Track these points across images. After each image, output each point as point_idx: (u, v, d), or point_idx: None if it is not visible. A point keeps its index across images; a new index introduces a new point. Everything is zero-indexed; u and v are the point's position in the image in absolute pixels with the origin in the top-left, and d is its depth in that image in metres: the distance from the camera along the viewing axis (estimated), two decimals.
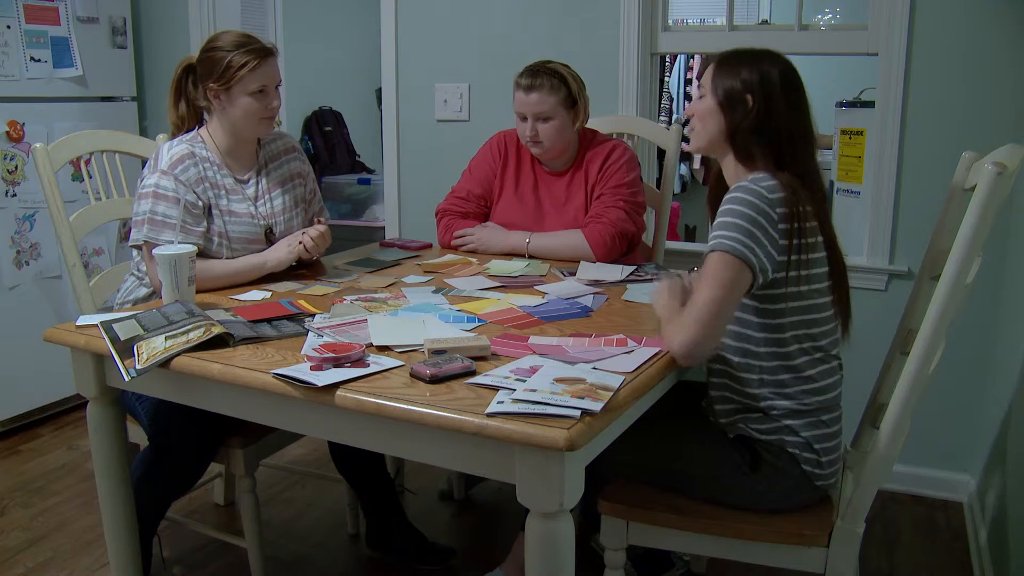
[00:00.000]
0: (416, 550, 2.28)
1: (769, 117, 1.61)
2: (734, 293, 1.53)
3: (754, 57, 1.66)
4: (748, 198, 1.54)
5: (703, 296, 1.52)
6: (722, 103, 1.65)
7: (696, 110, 1.71)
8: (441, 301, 1.89)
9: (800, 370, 1.61)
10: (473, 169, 2.52)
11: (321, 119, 5.75)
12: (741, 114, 1.62)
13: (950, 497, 2.68)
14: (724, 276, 1.51)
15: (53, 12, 3.14)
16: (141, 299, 2.09)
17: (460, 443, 1.32)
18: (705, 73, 1.71)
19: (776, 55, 1.67)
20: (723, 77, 1.65)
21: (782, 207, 1.53)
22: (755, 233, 1.52)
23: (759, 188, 1.54)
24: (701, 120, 1.70)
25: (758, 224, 1.52)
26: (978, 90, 2.46)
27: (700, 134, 1.71)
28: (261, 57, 2.01)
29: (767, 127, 1.61)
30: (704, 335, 1.51)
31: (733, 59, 1.67)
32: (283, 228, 2.18)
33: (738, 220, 1.53)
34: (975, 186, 1.40)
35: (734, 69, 1.64)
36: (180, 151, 2.04)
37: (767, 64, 1.64)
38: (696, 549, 1.71)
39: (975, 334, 2.53)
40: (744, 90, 1.62)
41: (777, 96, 1.61)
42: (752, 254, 1.51)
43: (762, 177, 1.57)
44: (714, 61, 1.70)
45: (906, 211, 2.58)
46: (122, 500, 1.82)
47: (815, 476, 1.62)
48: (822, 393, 1.63)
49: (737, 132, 1.64)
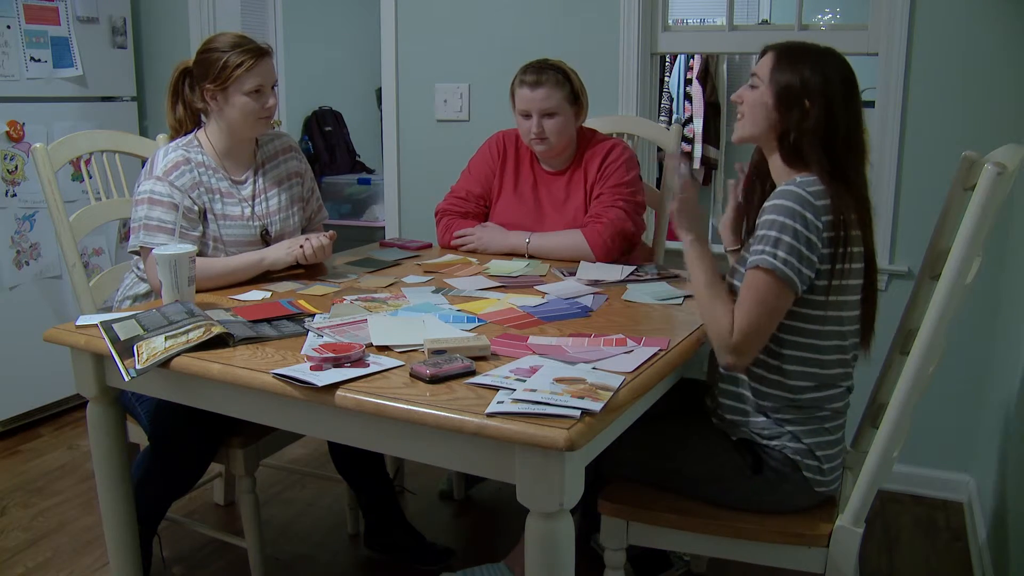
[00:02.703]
0: (415, 550, 2.28)
1: (826, 123, 1.56)
2: (776, 313, 1.54)
3: (818, 56, 1.59)
4: (794, 207, 1.51)
5: (747, 314, 1.53)
6: (778, 100, 1.59)
7: (746, 98, 1.64)
8: (441, 301, 1.89)
9: (815, 378, 1.60)
10: (472, 169, 2.52)
11: (321, 119, 5.75)
12: (797, 116, 1.57)
13: (950, 497, 2.68)
14: (767, 298, 1.52)
15: (53, 12, 3.14)
16: (141, 295, 2.09)
17: (460, 443, 1.32)
18: (762, 62, 1.64)
19: (839, 57, 1.61)
20: (783, 72, 1.59)
21: (828, 215, 1.51)
22: (799, 248, 1.50)
23: (806, 194, 1.51)
24: (751, 110, 1.63)
25: (802, 237, 1.50)
26: (978, 90, 2.46)
27: (747, 125, 1.65)
28: (257, 57, 2.02)
29: (822, 133, 1.56)
30: (748, 349, 1.55)
31: (796, 54, 1.60)
32: (279, 227, 2.19)
33: (783, 235, 1.50)
34: (975, 186, 1.40)
35: (796, 66, 1.58)
36: (175, 157, 2.05)
37: (831, 67, 1.58)
38: (696, 549, 1.71)
39: (975, 334, 2.53)
40: (804, 92, 1.56)
41: (838, 103, 1.56)
42: (796, 274, 1.50)
43: (811, 181, 1.53)
44: (773, 51, 1.63)
45: (906, 211, 2.58)
46: (122, 500, 1.82)
47: (816, 482, 1.62)
48: (833, 401, 1.62)
49: (790, 133, 1.58)
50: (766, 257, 1.51)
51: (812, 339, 1.59)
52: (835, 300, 1.56)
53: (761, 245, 1.53)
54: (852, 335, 1.63)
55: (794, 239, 1.50)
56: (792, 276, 1.50)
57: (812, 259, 1.52)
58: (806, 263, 1.51)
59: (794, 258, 1.50)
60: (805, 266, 1.51)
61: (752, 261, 1.53)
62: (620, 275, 2.13)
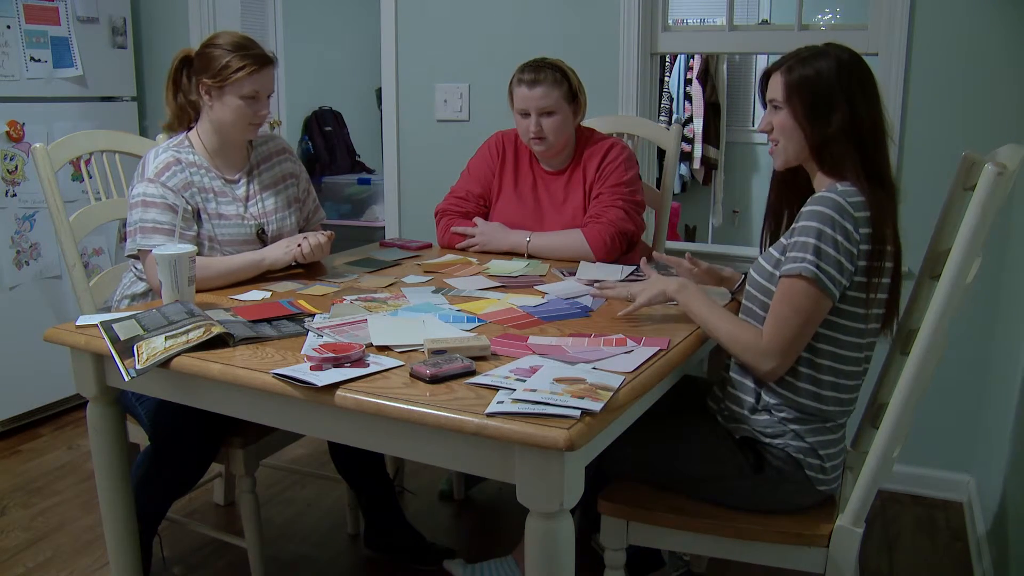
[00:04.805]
0: (415, 550, 2.28)
1: (852, 119, 1.55)
2: (814, 320, 1.54)
3: (821, 55, 1.58)
4: (834, 215, 1.50)
5: (784, 322, 1.53)
6: (806, 112, 1.57)
7: (775, 124, 1.62)
8: (441, 301, 1.89)
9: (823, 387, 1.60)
10: (472, 169, 2.52)
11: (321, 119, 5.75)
12: (825, 121, 1.56)
13: (950, 497, 2.68)
14: (806, 306, 1.52)
15: (53, 12, 3.14)
16: (139, 294, 2.09)
17: (460, 443, 1.32)
18: (772, 86, 1.63)
19: (841, 48, 1.59)
20: (796, 83, 1.58)
21: (867, 228, 1.52)
22: (838, 258, 1.50)
23: (847, 204, 1.51)
24: (783, 133, 1.62)
25: (841, 247, 1.50)
26: (978, 90, 2.46)
27: (786, 149, 1.63)
28: (260, 64, 2.02)
29: (850, 130, 1.55)
30: (788, 359, 1.56)
31: (802, 63, 1.58)
32: (276, 228, 2.19)
33: (822, 244, 1.50)
34: (975, 186, 1.40)
35: (807, 73, 1.57)
36: (165, 158, 2.05)
37: (835, 60, 1.56)
38: (696, 549, 1.71)
39: (975, 334, 2.53)
40: (826, 94, 1.55)
41: (857, 94, 1.55)
42: (833, 283, 1.51)
43: (851, 191, 1.53)
44: (778, 70, 1.61)
45: (906, 211, 2.56)
46: (122, 500, 1.82)
47: (818, 481, 1.62)
48: (835, 404, 1.62)
49: (822, 143, 1.57)
50: (807, 266, 1.50)
51: (832, 346, 1.59)
52: (862, 313, 1.57)
53: (800, 252, 1.52)
54: (869, 347, 1.64)
55: (834, 249, 1.50)
56: (831, 286, 1.51)
57: (850, 269, 1.52)
58: (846, 273, 1.52)
59: (832, 268, 1.50)
60: (844, 276, 1.52)
61: (791, 269, 1.52)
62: (620, 275, 2.13)
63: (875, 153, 1.57)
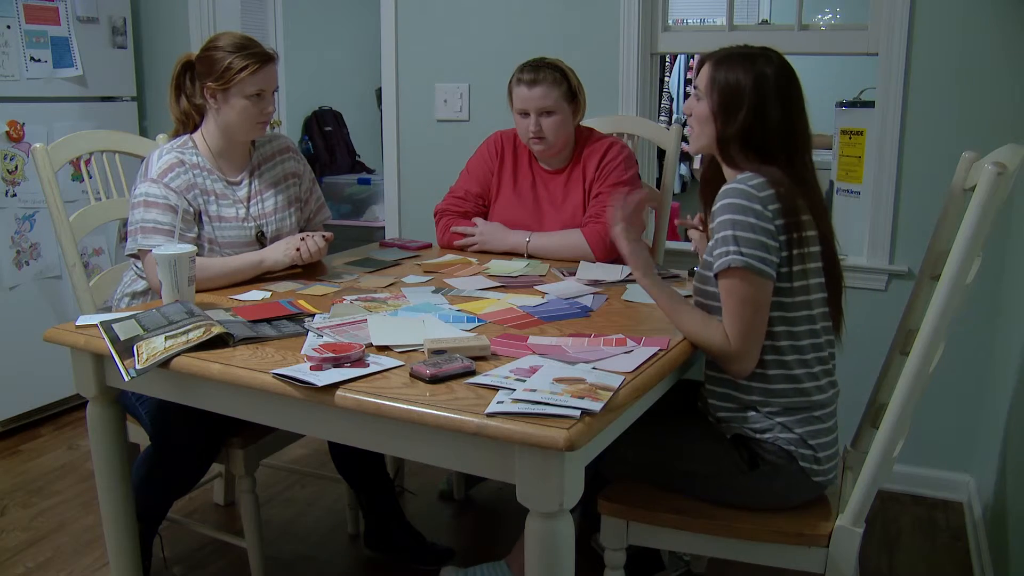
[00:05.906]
0: (415, 550, 2.28)
1: (755, 122, 1.60)
2: (762, 305, 1.55)
3: (751, 58, 1.63)
4: (740, 202, 1.54)
5: (736, 316, 1.55)
6: (717, 109, 1.64)
7: (693, 111, 1.70)
8: (441, 301, 1.89)
9: (792, 367, 1.61)
10: (471, 169, 2.52)
11: (321, 119, 5.76)
12: (732, 121, 1.62)
13: (950, 497, 2.68)
14: (749, 293, 1.53)
15: (53, 12, 3.14)
16: (139, 292, 2.09)
17: (460, 443, 1.32)
18: (701, 73, 1.69)
19: (773, 54, 1.65)
20: (718, 81, 1.64)
21: (774, 203, 1.54)
22: (759, 239, 1.52)
23: (748, 188, 1.54)
24: (697, 123, 1.69)
25: (757, 228, 1.52)
26: (978, 90, 2.46)
27: (698, 137, 1.71)
28: (262, 62, 2.02)
29: (757, 133, 1.60)
30: (751, 351, 1.57)
31: (729, 61, 1.65)
32: (275, 228, 2.19)
33: (739, 232, 1.53)
34: (975, 186, 1.40)
35: (730, 73, 1.62)
36: (169, 159, 2.05)
37: (763, 66, 1.61)
38: (696, 549, 1.71)
39: (975, 334, 2.53)
40: (739, 96, 1.60)
41: (771, 100, 1.60)
42: (764, 263, 1.52)
43: (749, 176, 1.57)
44: (709, 61, 1.68)
45: (906, 211, 2.58)
46: (122, 500, 1.82)
47: (813, 472, 1.62)
48: (816, 393, 1.63)
49: (725, 140, 1.64)
50: (733, 257, 1.53)
51: (786, 326, 1.60)
52: (801, 285, 1.58)
53: (723, 247, 1.55)
54: (823, 319, 1.64)
55: (751, 231, 1.52)
56: (763, 266, 1.52)
57: (775, 245, 1.54)
58: (772, 250, 1.53)
59: (757, 249, 1.52)
60: (772, 253, 1.53)
61: (721, 264, 1.55)
62: (620, 275, 2.13)
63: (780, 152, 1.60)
